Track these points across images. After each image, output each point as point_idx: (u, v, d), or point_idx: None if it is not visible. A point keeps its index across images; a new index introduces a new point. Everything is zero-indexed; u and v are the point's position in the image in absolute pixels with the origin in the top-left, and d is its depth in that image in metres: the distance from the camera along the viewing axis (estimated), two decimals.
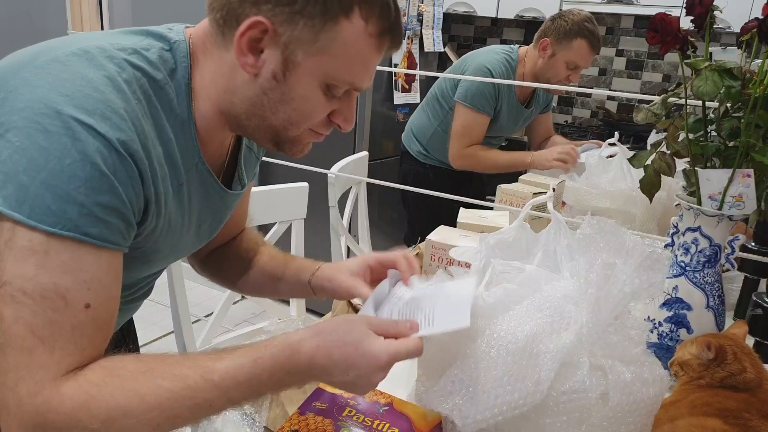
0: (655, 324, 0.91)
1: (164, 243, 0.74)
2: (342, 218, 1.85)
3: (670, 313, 0.89)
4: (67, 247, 0.57)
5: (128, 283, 0.77)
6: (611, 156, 1.72)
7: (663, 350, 0.89)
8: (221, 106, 0.72)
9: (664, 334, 0.90)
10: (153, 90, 0.66)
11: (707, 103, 0.85)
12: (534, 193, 1.48)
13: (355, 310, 1.14)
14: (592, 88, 3.63)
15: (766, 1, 0.84)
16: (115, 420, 0.57)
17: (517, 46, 2.10)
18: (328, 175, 1.75)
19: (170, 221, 0.72)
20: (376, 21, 0.67)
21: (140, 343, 2.39)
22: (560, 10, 3.33)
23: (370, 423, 0.75)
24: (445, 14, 3.27)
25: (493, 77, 1.98)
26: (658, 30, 0.83)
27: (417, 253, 1.45)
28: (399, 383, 0.94)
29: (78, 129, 0.57)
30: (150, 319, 2.56)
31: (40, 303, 0.56)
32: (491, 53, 2.05)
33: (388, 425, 0.74)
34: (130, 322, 1.05)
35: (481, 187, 2.31)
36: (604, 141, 1.94)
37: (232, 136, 0.83)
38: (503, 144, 2.32)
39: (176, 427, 0.61)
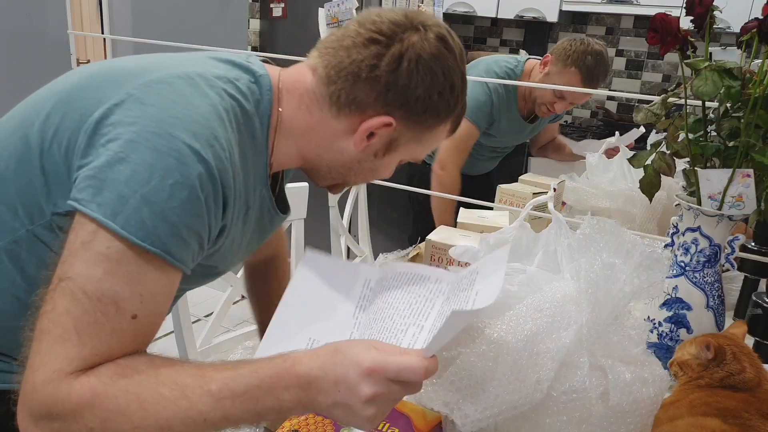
0: (654, 324, 0.91)
1: (220, 261, 0.77)
2: (342, 218, 1.85)
3: (670, 313, 0.89)
4: (140, 260, 0.60)
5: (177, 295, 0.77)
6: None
7: (663, 350, 0.89)
8: (305, 153, 0.79)
9: (664, 334, 0.90)
10: (243, 119, 0.71)
11: (707, 103, 0.85)
12: (534, 193, 1.48)
13: None
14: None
15: (766, 1, 0.84)
16: (112, 421, 0.57)
17: (526, 57, 2.02)
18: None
19: (232, 242, 0.75)
20: (455, 121, 0.80)
21: None
22: (560, 10, 3.35)
23: None
24: (444, 14, 3.27)
25: (491, 94, 1.91)
26: (658, 30, 0.83)
27: (417, 254, 1.45)
28: None
29: (186, 152, 0.60)
30: None
31: (95, 304, 0.58)
32: (495, 64, 1.97)
33: (387, 425, 0.74)
34: None
35: (489, 188, 2.29)
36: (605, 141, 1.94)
37: None
38: (509, 152, 2.26)
39: None
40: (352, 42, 0.72)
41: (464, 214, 1.30)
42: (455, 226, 1.27)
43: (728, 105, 0.85)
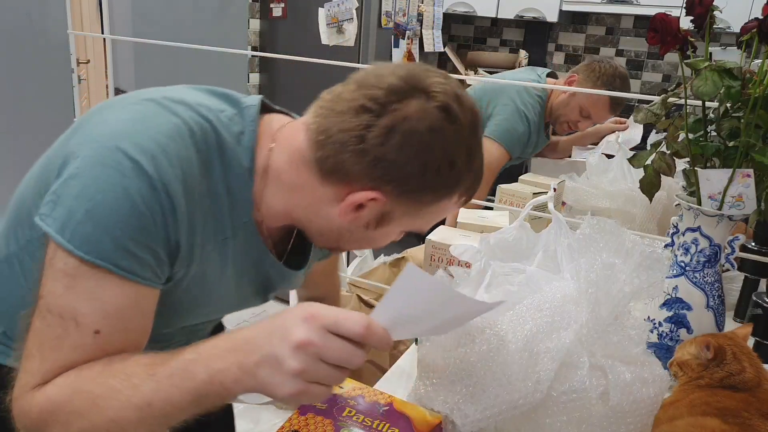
0: (655, 324, 0.91)
1: (198, 291, 0.74)
2: None
3: (670, 313, 0.89)
4: (95, 275, 0.60)
5: (166, 332, 0.76)
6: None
7: (663, 350, 0.89)
8: (293, 212, 0.74)
9: (664, 334, 0.90)
10: (218, 146, 0.69)
11: (707, 103, 0.85)
12: (534, 193, 1.48)
13: (368, 306, 1.14)
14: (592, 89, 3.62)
15: (766, 1, 0.84)
16: (72, 424, 0.59)
17: (545, 74, 1.99)
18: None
19: (206, 272, 0.72)
20: (465, 194, 0.72)
21: None
22: (560, 10, 3.35)
23: (370, 423, 0.74)
24: (444, 14, 3.27)
25: (529, 125, 1.89)
26: (658, 30, 0.83)
27: (402, 257, 1.45)
28: (399, 383, 0.95)
29: (127, 165, 0.61)
30: None
31: (56, 321, 0.60)
32: (526, 95, 1.91)
33: (388, 425, 0.74)
34: None
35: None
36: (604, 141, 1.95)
37: None
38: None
39: None
40: (346, 106, 0.66)
41: (464, 214, 1.30)
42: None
43: (728, 105, 0.85)
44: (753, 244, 1.15)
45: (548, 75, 1.99)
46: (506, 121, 1.88)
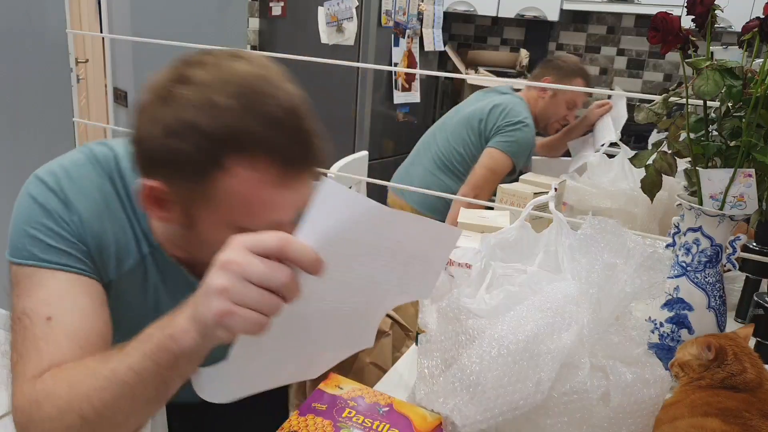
0: (656, 324, 0.90)
1: (126, 316, 0.78)
2: None
3: (672, 314, 0.89)
4: (28, 274, 0.70)
5: None
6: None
7: (664, 351, 0.89)
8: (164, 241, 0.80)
9: (666, 335, 0.90)
10: (118, 171, 0.77)
11: (708, 103, 0.85)
12: (535, 193, 1.48)
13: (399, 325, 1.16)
14: (593, 88, 3.62)
15: (767, 1, 0.83)
16: (51, 406, 0.62)
17: (514, 92, 2.10)
18: (328, 174, 1.74)
19: (124, 295, 0.78)
20: (262, 164, 0.63)
21: None
22: (561, 9, 3.34)
23: (369, 424, 0.74)
24: (445, 13, 3.27)
25: (534, 132, 2.02)
26: (659, 29, 0.82)
27: None
28: (399, 384, 0.94)
29: (34, 183, 0.75)
30: None
31: (18, 324, 0.69)
32: (518, 106, 2.01)
33: (388, 426, 0.74)
34: None
35: None
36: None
37: None
38: None
39: (107, 415, 0.61)
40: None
41: (464, 214, 1.30)
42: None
43: (730, 104, 0.85)
44: (754, 244, 1.14)
45: (513, 90, 2.11)
46: (515, 134, 1.96)
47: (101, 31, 3.46)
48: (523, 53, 3.66)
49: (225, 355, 0.59)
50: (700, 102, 0.86)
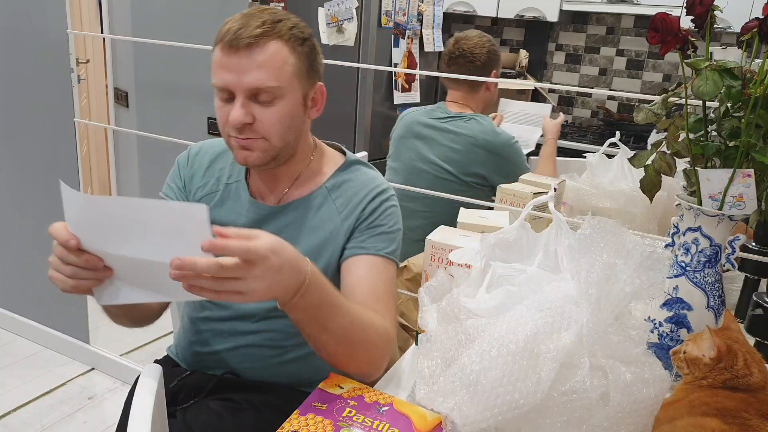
0: (655, 324, 0.91)
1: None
2: None
3: (671, 314, 0.89)
4: None
5: None
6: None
7: (663, 350, 0.89)
8: None
9: (665, 335, 0.90)
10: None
11: (708, 103, 0.85)
12: (534, 193, 1.48)
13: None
14: (593, 88, 3.63)
15: (766, 1, 0.83)
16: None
17: (445, 105, 2.00)
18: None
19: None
20: (218, 39, 0.95)
21: (139, 344, 2.39)
22: (560, 10, 3.34)
23: (370, 423, 0.74)
24: (445, 14, 3.27)
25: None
26: (659, 29, 0.83)
27: (405, 266, 1.45)
28: (399, 384, 0.94)
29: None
30: None
31: None
32: (491, 125, 1.92)
33: (388, 425, 0.74)
34: None
35: None
36: (605, 141, 1.94)
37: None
38: None
39: None
40: None
41: (464, 214, 1.30)
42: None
43: (729, 105, 0.85)
44: (753, 244, 1.14)
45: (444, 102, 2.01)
46: (519, 150, 1.92)
47: (102, 32, 3.46)
48: (523, 54, 3.66)
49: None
50: (700, 102, 0.86)
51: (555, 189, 1.54)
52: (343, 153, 1.13)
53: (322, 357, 0.91)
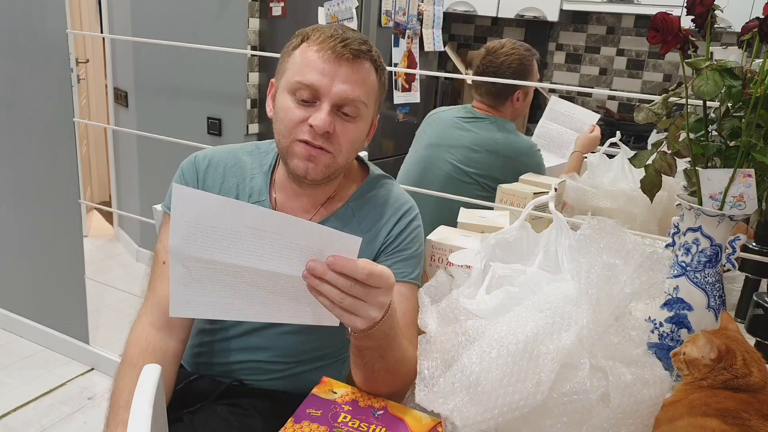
0: (655, 324, 0.90)
1: None
2: None
3: (671, 314, 0.89)
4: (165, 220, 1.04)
5: None
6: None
7: (664, 351, 0.89)
8: None
9: (665, 335, 0.90)
10: (255, 155, 1.10)
11: (708, 103, 0.85)
12: (535, 193, 1.48)
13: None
14: (593, 88, 3.62)
15: (766, 1, 0.83)
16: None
17: (472, 106, 1.97)
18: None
19: None
20: (314, 41, 0.94)
21: None
22: (561, 9, 3.34)
23: (366, 428, 0.74)
24: (445, 13, 3.26)
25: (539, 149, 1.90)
26: (659, 29, 0.82)
27: None
28: None
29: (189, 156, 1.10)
30: None
31: (151, 263, 1.07)
32: (514, 132, 1.90)
33: (384, 430, 0.74)
34: None
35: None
36: (605, 141, 1.93)
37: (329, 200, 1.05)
38: None
39: None
40: None
41: (464, 214, 1.30)
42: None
43: (729, 104, 0.85)
44: (754, 244, 1.14)
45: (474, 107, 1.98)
46: (536, 156, 1.89)
47: (101, 32, 3.46)
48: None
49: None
50: (700, 102, 0.86)
51: (555, 189, 1.54)
52: (363, 163, 1.11)
53: (357, 381, 0.86)
